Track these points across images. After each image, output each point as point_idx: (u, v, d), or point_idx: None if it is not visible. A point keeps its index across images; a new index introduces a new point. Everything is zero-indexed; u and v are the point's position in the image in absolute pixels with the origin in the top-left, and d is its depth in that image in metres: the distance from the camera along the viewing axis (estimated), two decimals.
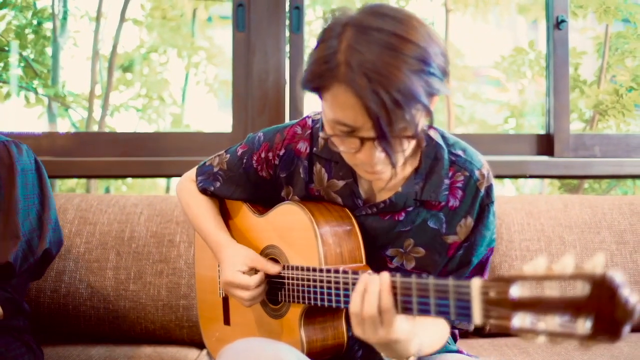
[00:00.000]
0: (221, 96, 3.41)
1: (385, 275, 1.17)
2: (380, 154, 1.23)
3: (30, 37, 3.59)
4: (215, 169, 1.65)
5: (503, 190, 3.43)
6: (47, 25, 3.55)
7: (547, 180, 3.33)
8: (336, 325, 1.45)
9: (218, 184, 1.64)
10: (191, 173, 1.72)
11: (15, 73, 3.42)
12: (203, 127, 3.48)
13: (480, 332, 2.15)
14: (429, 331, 1.42)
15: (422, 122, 1.22)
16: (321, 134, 1.35)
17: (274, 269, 1.47)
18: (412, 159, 1.45)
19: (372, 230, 1.46)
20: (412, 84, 1.14)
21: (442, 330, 1.46)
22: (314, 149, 1.50)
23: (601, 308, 0.82)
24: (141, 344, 2.04)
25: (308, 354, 1.39)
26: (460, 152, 1.46)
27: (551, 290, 0.86)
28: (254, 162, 1.57)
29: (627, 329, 0.81)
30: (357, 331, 1.21)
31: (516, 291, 0.91)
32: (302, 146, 1.51)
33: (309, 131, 1.52)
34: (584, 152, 2.59)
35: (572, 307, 0.84)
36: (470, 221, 1.44)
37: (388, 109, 1.14)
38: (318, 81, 1.21)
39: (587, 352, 1.94)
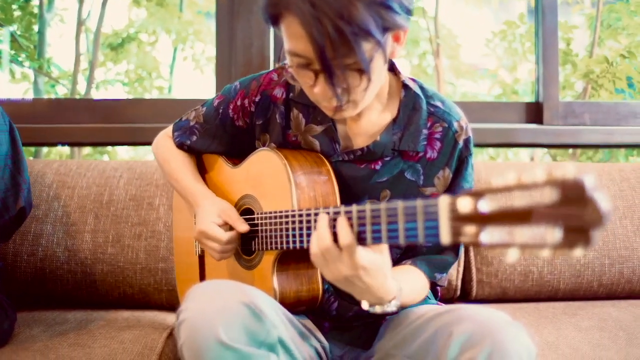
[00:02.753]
0: (207, 72, 3.37)
1: (343, 209, 1.14)
2: (335, 89, 1.21)
3: (17, 13, 3.56)
4: (192, 123, 1.62)
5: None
6: (35, 2, 3.51)
7: (538, 154, 3.29)
8: (311, 275, 1.41)
9: (194, 138, 1.61)
10: (168, 130, 1.69)
11: (3, 49, 3.38)
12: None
13: (466, 297, 2.12)
14: (408, 278, 1.39)
15: (377, 59, 1.19)
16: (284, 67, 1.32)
17: (242, 227, 1.43)
18: (390, 108, 1.42)
19: (348, 179, 1.42)
20: (360, 14, 1.11)
21: (421, 281, 1.43)
22: (290, 94, 1.47)
23: (570, 213, 0.77)
24: (119, 309, 2.00)
25: (281, 304, 1.35)
26: (438, 104, 1.44)
27: (521, 201, 0.82)
28: (230, 111, 1.54)
29: (597, 233, 0.76)
30: (324, 273, 1.18)
31: (485, 205, 0.87)
32: (278, 92, 1.48)
33: (285, 77, 1.48)
34: (574, 120, 2.54)
35: (541, 216, 0.80)
36: (448, 173, 1.42)
37: (331, 38, 1.11)
38: (271, 9, 1.20)
39: (574, 316, 1.90)
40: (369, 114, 1.41)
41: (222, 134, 1.58)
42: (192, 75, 3.39)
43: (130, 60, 3.54)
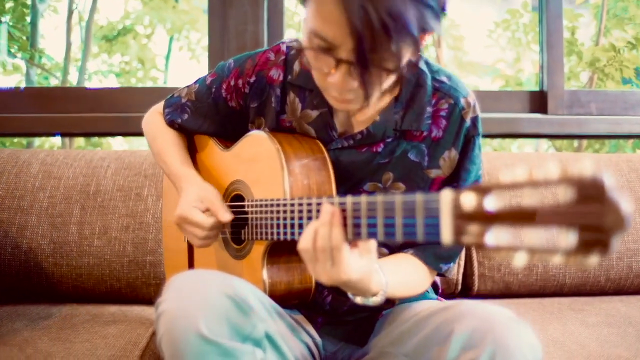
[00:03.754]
0: (203, 61, 3.30)
1: (332, 206, 1.05)
2: (353, 82, 1.11)
3: (9, 4, 3.49)
4: (184, 100, 1.53)
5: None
6: None
7: (543, 145, 3.20)
8: (303, 268, 1.32)
9: (186, 116, 1.52)
10: (159, 106, 1.61)
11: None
12: None
13: (467, 292, 2.03)
14: (399, 270, 1.30)
15: (406, 58, 1.09)
16: (295, 45, 1.22)
17: (224, 216, 1.34)
18: (392, 86, 1.33)
19: (349, 165, 1.33)
20: (406, 12, 1.01)
21: (417, 272, 1.34)
22: (288, 76, 1.38)
23: (588, 215, 0.68)
24: (106, 303, 1.92)
25: (271, 297, 1.27)
26: (444, 79, 1.34)
27: (531, 199, 0.72)
28: (223, 91, 1.45)
29: (617, 239, 0.66)
30: (309, 268, 1.09)
31: (491, 202, 0.77)
32: (275, 73, 1.39)
33: (282, 57, 1.39)
34: (579, 110, 2.45)
35: (554, 217, 0.70)
36: (454, 154, 1.32)
37: (374, 31, 1.01)
38: None
39: (581, 311, 1.82)
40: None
41: (214, 114, 1.49)
42: (188, 66, 3.32)
43: (125, 52, 3.46)
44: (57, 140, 3.24)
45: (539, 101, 2.47)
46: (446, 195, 0.84)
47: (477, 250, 1.98)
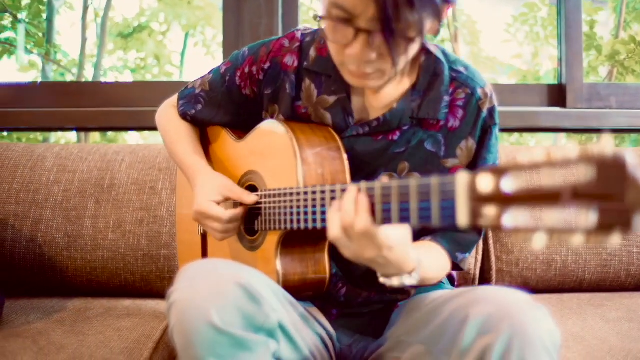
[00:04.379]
0: (219, 57, 3.30)
1: (356, 189, 1.03)
2: (371, 53, 1.10)
3: (26, 1, 3.51)
4: (197, 91, 1.52)
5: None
6: None
7: (562, 141, 3.15)
8: (318, 258, 1.31)
9: (199, 107, 1.51)
10: (173, 98, 1.60)
11: (13, 37, 3.33)
12: None
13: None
14: (426, 251, 1.28)
15: (427, 29, 1.09)
16: (311, 26, 1.20)
17: (249, 198, 1.33)
18: (410, 74, 1.31)
19: (364, 154, 1.32)
20: None
21: (442, 257, 1.32)
22: (304, 63, 1.36)
23: (609, 193, 0.66)
24: (120, 297, 1.92)
25: (285, 288, 1.25)
26: (462, 69, 1.33)
27: (550, 180, 0.71)
28: (237, 78, 1.43)
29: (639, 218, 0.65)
30: (343, 252, 1.08)
31: (508, 184, 0.75)
32: (290, 60, 1.37)
33: (297, 44, 1.38)
34: (599, 103, 2.41)
35: (573, 196, 0.69)
36: (472, 143, 1.30)
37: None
38: None
39: (600, 307, 1.79)
40: (388, 83, 1.30)
41: (227, 103, 1.48)
42: (203, 62, 3.31)
43: (141, 48, 3.47)
44: (72, 135, 3.25)
45: (557, 95, 2.43)
46: (462, 177, 0.83)
47: (494, 231, 1.95)
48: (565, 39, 2.40)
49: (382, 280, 1.13)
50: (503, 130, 2.58)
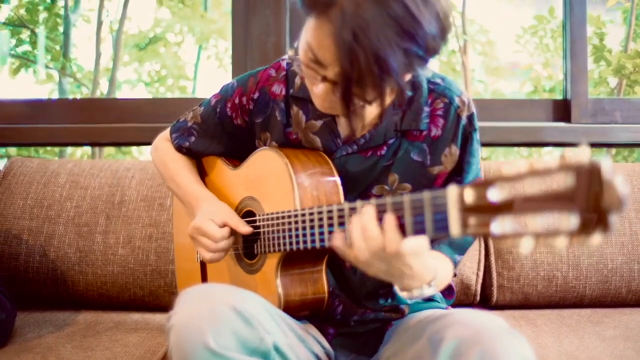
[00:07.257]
0: (230, 70, 3.35)
1: (347, 205, 1.11)
2: (333, 97, 1.18)
3: (43, 15, 3.58)
4: (190, 123, 1.58)
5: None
6: (60, 3, 3.52)
7: None
8: (316, 278, 1.36)
9: (193, 139, 1.57)
10: (166, 133, 1.65)
11: (32, 51, 3.40)
12: None
13: (486, 303, 2.03)
14: (436, 259, 1.34)
15: (388, 95, 1.18)
16: (293, 56, 1.27)
17: (244, 228, 1.38)
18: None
19: (356, 172, 1.38)
20: (394, 61, 1.08)
21: (447, 263, 1.39)
22: (290, 90, 1.43)
23: (587, 197, 0.74)
24: (130, 311, 1.98)
25: (286, 309, 1.31)
26: (438, 81, 1.40)
27: (533, 188, 0.79)
28: (228, 109, 1.50)
29: (615, 218, 0.73)
30: (367, 270, 1.12)
31: (495, 194, 0.84)
32: (277, 89, 1.44)
33: (283, 73, 1.45)
34: (604, 118, 2.43)
35: (555, 202, 0.76)
36: (455, 149, 1.37)
37: (360, 71, 1.08)
38: (309, 3, 1.13)
39: (599, 324, 1.81)
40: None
41: (220, 133, 1.54)
42: (215, 74, 3.36)
43: (156, 60, 3.53)
44: (87, 148, 3.32)
45: (562, 110, 2.45)
46: (452, 191, 0.92)
47: (484, 238, 2.02)
48: (570, 54, 2.42)
49: (402, 294, 1.17)
50: (509, 144, 2.60)
